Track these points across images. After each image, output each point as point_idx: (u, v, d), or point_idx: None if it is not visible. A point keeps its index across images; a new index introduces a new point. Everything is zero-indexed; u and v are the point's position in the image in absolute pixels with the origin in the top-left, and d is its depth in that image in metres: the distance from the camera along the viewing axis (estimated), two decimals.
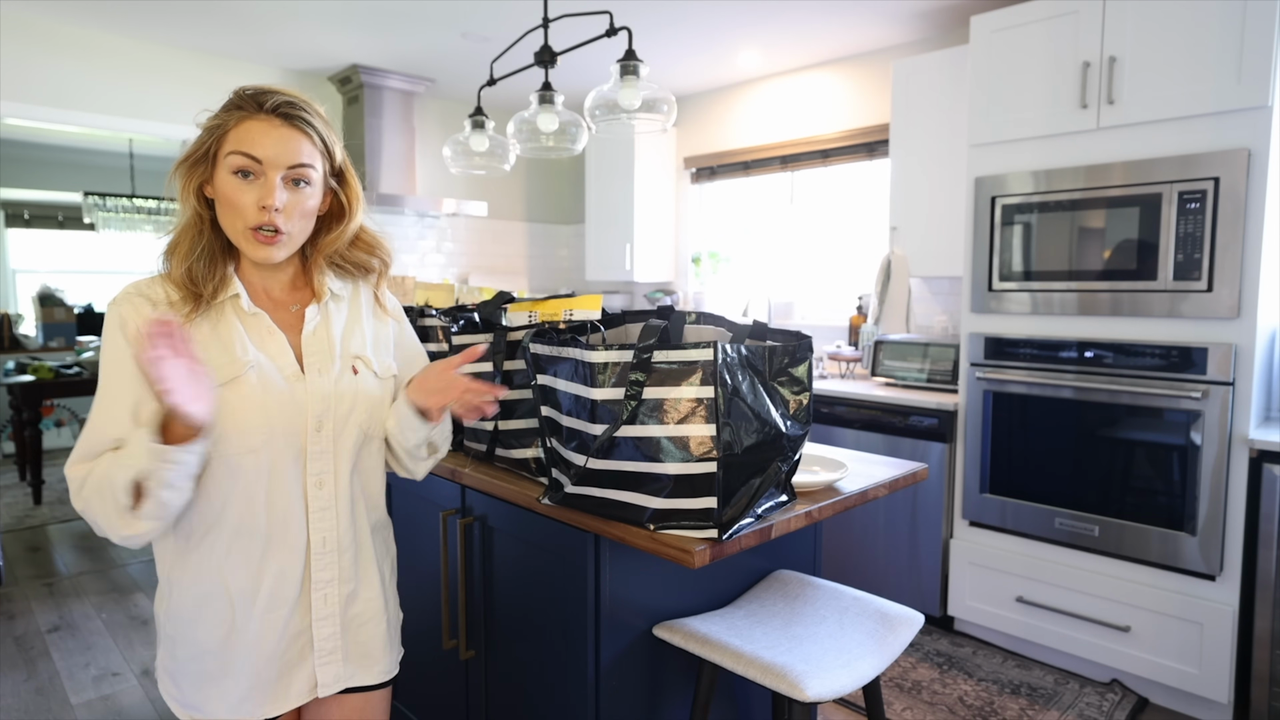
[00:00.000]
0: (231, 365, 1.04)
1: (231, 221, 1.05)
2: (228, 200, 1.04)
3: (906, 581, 2.92)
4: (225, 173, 1.03)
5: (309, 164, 1.07)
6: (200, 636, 1.08)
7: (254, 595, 1.07)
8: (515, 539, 1.60)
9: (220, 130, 1.04)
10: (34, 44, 3.30)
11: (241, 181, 1.03)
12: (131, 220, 5.81)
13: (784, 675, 1.27)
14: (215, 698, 1.09)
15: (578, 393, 1.29)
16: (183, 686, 1.10)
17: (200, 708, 1.10)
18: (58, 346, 5.86)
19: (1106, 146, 2.39)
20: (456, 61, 3.86)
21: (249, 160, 1.03)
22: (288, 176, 1.05)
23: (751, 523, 1.31)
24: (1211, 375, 2.20)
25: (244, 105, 1.05)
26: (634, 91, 1.89)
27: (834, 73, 3.82)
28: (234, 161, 1.03)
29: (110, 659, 2.74)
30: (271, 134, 1.04)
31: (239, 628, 1.07)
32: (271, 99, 1.05)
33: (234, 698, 1.09)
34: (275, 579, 1.08)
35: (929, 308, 3.45)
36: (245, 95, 1.06)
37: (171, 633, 1.10)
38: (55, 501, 4.77)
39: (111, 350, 1.03)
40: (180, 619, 1.08)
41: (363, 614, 1.18)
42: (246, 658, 1.08)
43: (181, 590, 1.08)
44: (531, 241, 5.13)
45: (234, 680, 1.09)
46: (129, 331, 1.03)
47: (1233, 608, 2.21)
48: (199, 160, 1.05)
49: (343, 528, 1.14)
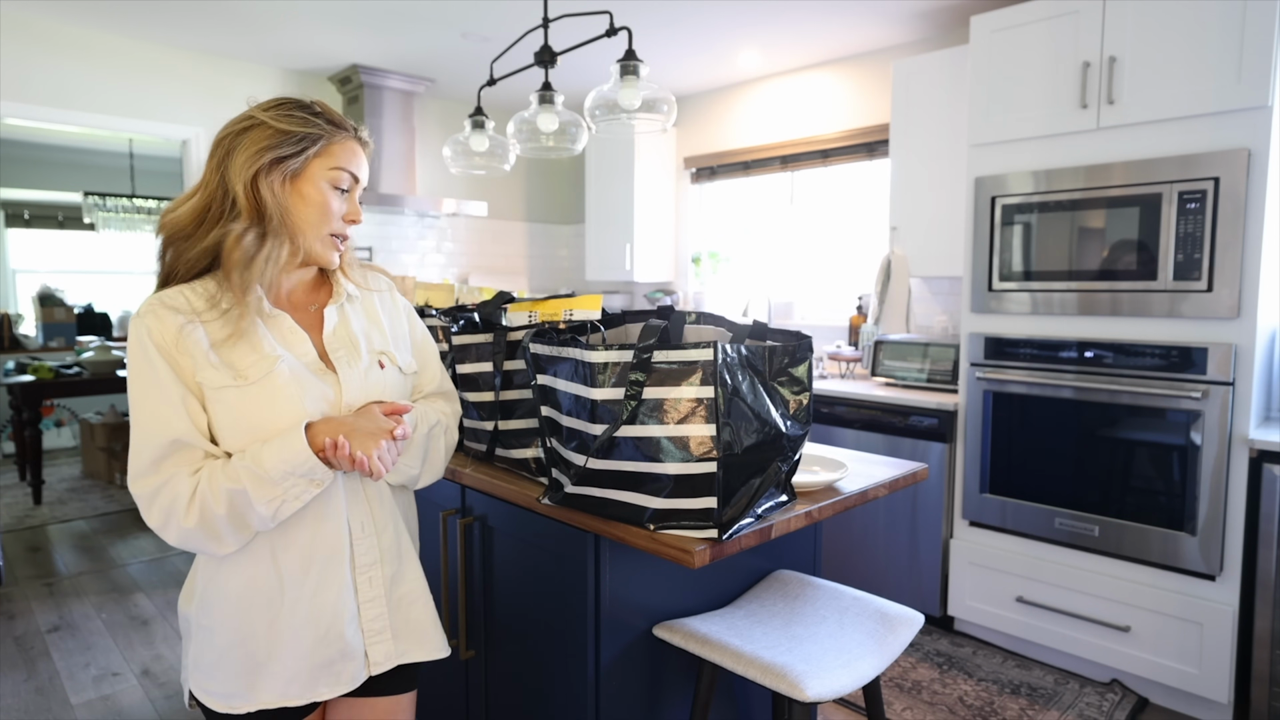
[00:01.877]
0: (262, 362, 1.07)
1: (318, 226, 1.12)
2: (319, 206, 1.11)
3: (906, 581, 2.92)
4: (323, 183, 1.11)
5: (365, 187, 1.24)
6: (248, 622, 1.08)
7: (302, 579, 1.09)
8: (515, 539, 1.60)
9: (322, 142, 1.11)
10: (34, 44, 3.30)
11: (336, 193, 1.13)
12: (131, 220, 5.81)
13: (784, 675, 1.27)
14: (262, 684, 1.09)
15: (578, 393, 1.29)
16: (222, 678, 1.10)
17: (243, 695, 1.09)
18: (58, 346, 5.86)
19: (1106, 146, 2.39)
20: (456, 61, 3.86)
21: (351, 179, 1.15)
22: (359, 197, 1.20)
23: (751, 523, 1.31)
24: (1211, 375, 2.20)
25: (344, 127, 1.15)
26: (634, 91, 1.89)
27: (834, 73, 3.82)
28: (337, 176, 1.13)
29: (110, 659, 2.74)
30: (363, 158, 1.17)
31: (286, 611, 1.09)
32: (360, 128, 1.18)
33: (281, 681, 1.10)
34: (322, 563, 1.11)
35: (929, 308, 3.45)
36: (339, 116, 1.15)
37: (210, 624, 1.10)
38: (55, 501, 4.77)
39: (143, 363, 1.03)
40: (224, 607, 1.09)
41: (409, 594, 1.22)
42: (294, 641, 1.09)
43: (227, 578, 1.09)
44: (531, 241, 5.13)
45: (281, 664, 1.09)
46: (155, 339, 1.04)
47: (1233, 608, 2.21)
48: (292, 159, 1.09)
49: (378, 512, 1.18)
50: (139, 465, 1.01)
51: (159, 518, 1.01)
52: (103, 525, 4.30)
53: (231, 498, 1.00)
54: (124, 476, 5.03)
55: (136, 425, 1.02)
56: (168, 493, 1.01)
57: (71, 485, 5.17)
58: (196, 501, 1.00)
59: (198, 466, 1.03)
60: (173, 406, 1.02)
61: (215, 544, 1.04)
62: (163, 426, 1.01)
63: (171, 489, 1.01)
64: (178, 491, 1.00)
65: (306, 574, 1.10)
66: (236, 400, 1.04)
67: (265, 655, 1.09)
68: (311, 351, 1.13)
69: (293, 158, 1.08)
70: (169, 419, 1.01)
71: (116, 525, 4.30)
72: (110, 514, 4.52)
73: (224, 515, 1.01)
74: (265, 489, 1.01)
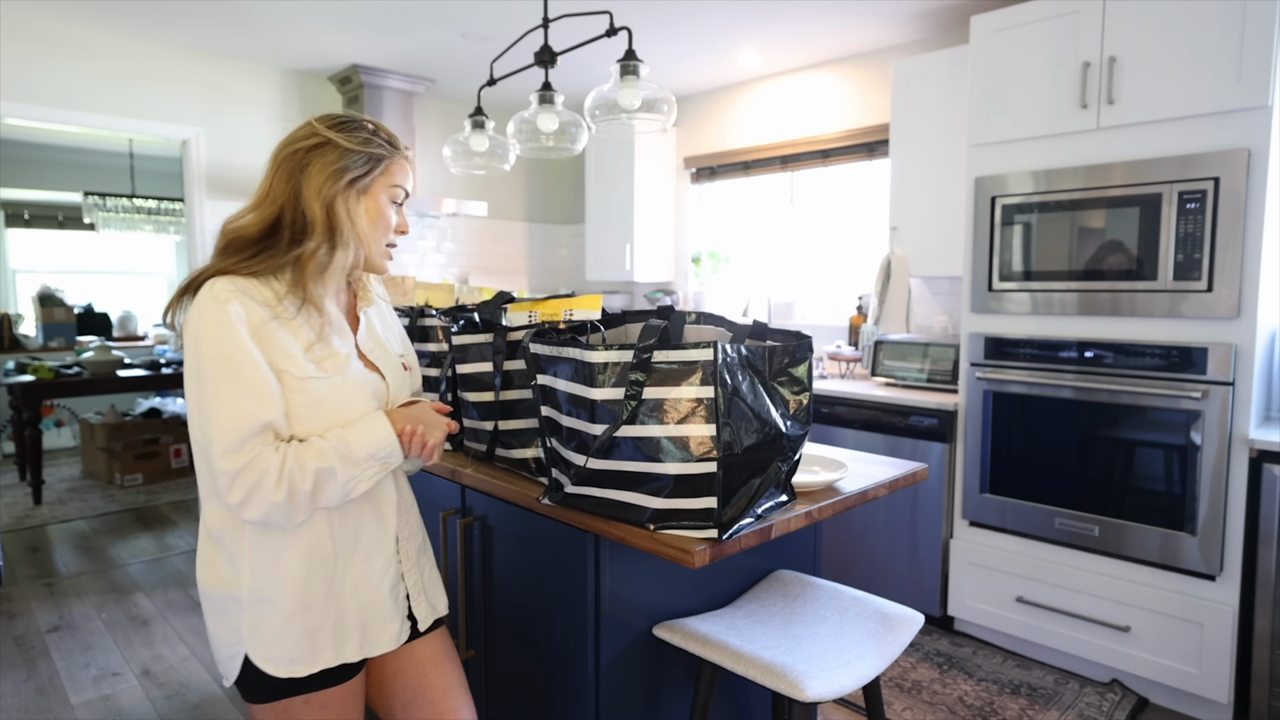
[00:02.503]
0: (335, 358, 1.19)
1: (379, 237, 1.24)
2: (383, 220, 1.23)
3: (906, 581, 2.92)
4: (383, 197, 1.23)
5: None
6: (307, 591, 1.16)
7: (353, 550, 1.22)
8: (515, 539, 1.60)
9: (384, 163, 1.22)
10: (34, 44, 3.30)
11: (393, 208, 1.25)
12: (131, 220, 5.81)
13: (784, 675, 1.27)
14: (322, 646, 1.18)
15: (578, 393, 1.29)
16: (286, 645, 1.16)
17: (305, 660, 1.17)
18: (58, 346, 5.86)
19: (1106, 146, 2.39)
20: (456, 61, 3.86)
21: (405, 194, 1.27)
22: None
23: (751, 523, 1.31)
24: (1211, 375, 2.20)
25: (399, 146, 1.25)
26: (634, 91, 1.89)
27: (834, 73, 3.82)
28: (396, 193, 1.24)
29: (110, 659, 2.74)
30: (410, 173, 1.29)
31: (340, 578, 1.20)
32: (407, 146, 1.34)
33: (339, 643, 1.20)
34: (370, 536, 1.24)
35: (929, 308, 3.45)
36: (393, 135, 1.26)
37: (270, 596, 1.15)
38: (55, 501, 4.77)
39: (234, 344, 1.08)
40: (284, 580, 1.15)
41: (429, 561, 1.40)
42: (350, 604, 1.21)
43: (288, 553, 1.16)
44: (531, 241, 5.12)
45: (338, 627, 1.20)
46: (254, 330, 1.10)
47: (1233, 608, 2.21)
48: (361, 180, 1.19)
49: (405, 494, 1.35)
50: (229, 442, 1.05)
51: (241, 493, 1.06)
52: (103, 525, 4.30)
53: (319, 476, 1.10)
54: (124, 476, 5.03)
55: (226, 403, 1.06)
56: (254, 470, 1.06)
57: (71, 485, 5.17)
58: (285, 478, 1.07)
59: (275, 446, 1.09)
60: (268, 388, 1.09)
61: (290, 518, 1.11)
62: (258, 407, 1.07)
63: (258, 466, 1.06)
64: (265, 469, 1.06)
65: (356, 546, 1.22)
66: (319, 391, 1.14)
67: (323, 620, 1.18)
68: (354, 351, 1.24)
69: (363, 177, 1.19)
70: (265, 399, 1.08)
71: (116, 525, 4.30)
72: (110, 514, 4.52)
73: (308, 491, 1.10)
74: (349, 468, 1.13)
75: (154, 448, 5.21)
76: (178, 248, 6.97)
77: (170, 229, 6.01)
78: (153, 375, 4.89)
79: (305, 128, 1.19)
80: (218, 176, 3.80)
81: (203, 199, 3.75)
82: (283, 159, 1.17)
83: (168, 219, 5.96)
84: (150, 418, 5.42)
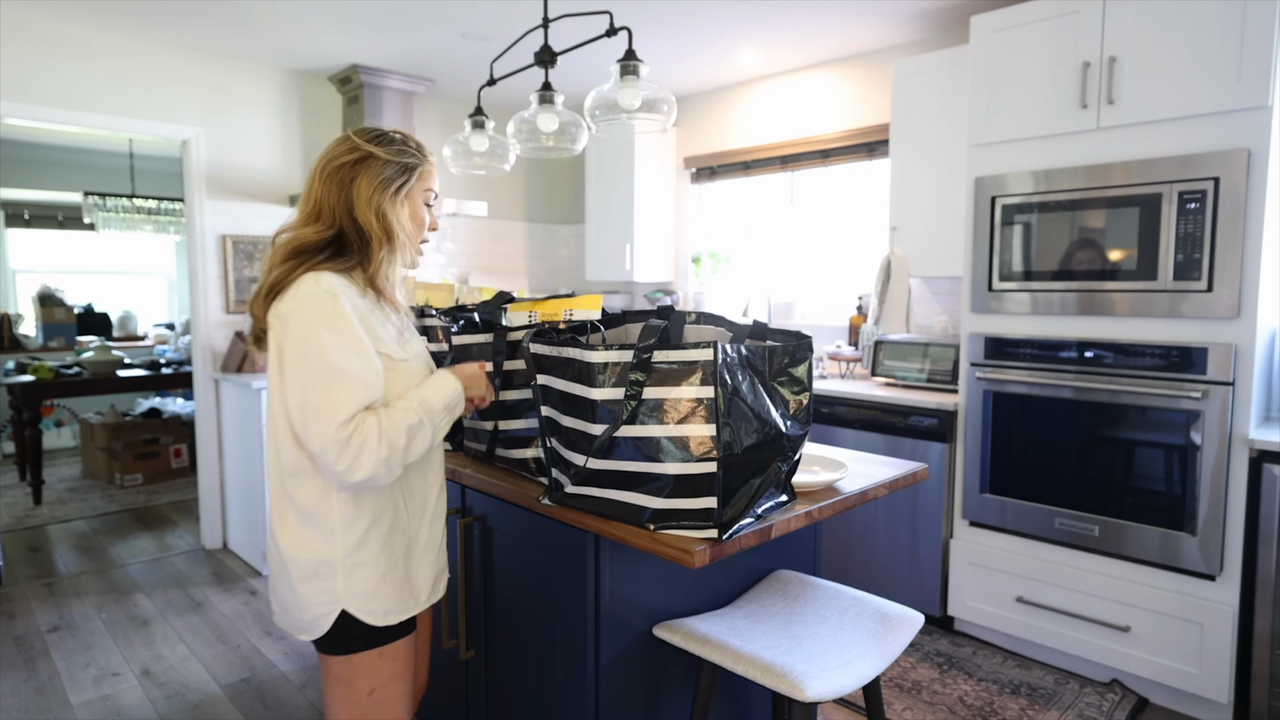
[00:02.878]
0: (410, 345, 1.37)
1: (417, 236, 1.40)
2: (420, 222, 1.40)
3: (906, 581, 2.92)
4: (420, 201, 1.39)
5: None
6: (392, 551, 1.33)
7: (421, 515, 1.41)
8: (515, 539, 1.60)
9: (418, 169, 1.36)
10: (34, 44, 3.30)
11: (427, 209, 1.41)
12: (131, 220, 5.80)
13: (784, 675, 1.27)
14: (409, 597, 1.36)
15: (578, 393, 1.29)
16: (382, 598, 1.32)
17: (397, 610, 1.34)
18: (58, 346, 5.86)
19: (1107, 146, 2.39)
20: (456, 61, 3.86)
21: (436, 196, 1.43)
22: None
23: (751, 523, 1.31)
24: (1211, 375, 2.20)
25: (426, 154, 1.40)
26: (634, 91, 1.89)
27: (834, 73, 3.82)
28: (429, 195, 1.41)
29: (110, 659, 2.74)
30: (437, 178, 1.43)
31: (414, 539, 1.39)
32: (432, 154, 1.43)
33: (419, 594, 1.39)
34: (436, 500, 1.45)
35: (929, 308, 3.45)
36: (421, 144, 1.40)
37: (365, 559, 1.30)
38: (55, 501, 4.77)
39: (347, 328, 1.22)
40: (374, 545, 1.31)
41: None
42: (423, 561, 1.40)
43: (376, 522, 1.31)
44: (531, 241, 5.12)
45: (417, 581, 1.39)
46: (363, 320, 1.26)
47: (1233, 608, 2.21)
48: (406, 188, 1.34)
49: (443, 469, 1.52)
50: (341, 414, 1.18)
51: (349, 459, 1.18)
52: (103, 525, 4.30)
53: (410, 432, 1.24)
54: (124, 476, 5.03)
55: (342, 379, 1.20)
56: (359, 437, 1.19)
57: (71, 485, 5.17)
58: (385, 439, 1.21)
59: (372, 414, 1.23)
60: (375, 367, 1.24)
61: (391, 473, 1.24)
62: (369, 383, 1.22)
63: (362, 431, 1.19)
64: (367, 433, 1.19)
65: (424, 511, 1.41)
66: (410, 371, 1.33)
67: (405, 576, 1.36)
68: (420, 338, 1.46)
69: (405, 184, 1.33)
70: (374, 377, 1.23)
71: (116, 525, 4.30)
72: (110, 514, 4.52)
73: (403, 446, 1.24)
74: (431, 419, 1.29)
75: (154, 448, 5.21)
76: (178, 248, 6.97)
77: (170, 229, 6.01)
78: (153, 375, 4.89)
79: (345, 143, 1.32)
80: (218, 176, 3.80)
81: (203, 199, 3.75)
82: (329, 173, 1.30)
83: (168, 219, 5.96)
84: (150, 418, 5.42)
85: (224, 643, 2.86)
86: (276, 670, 2.65)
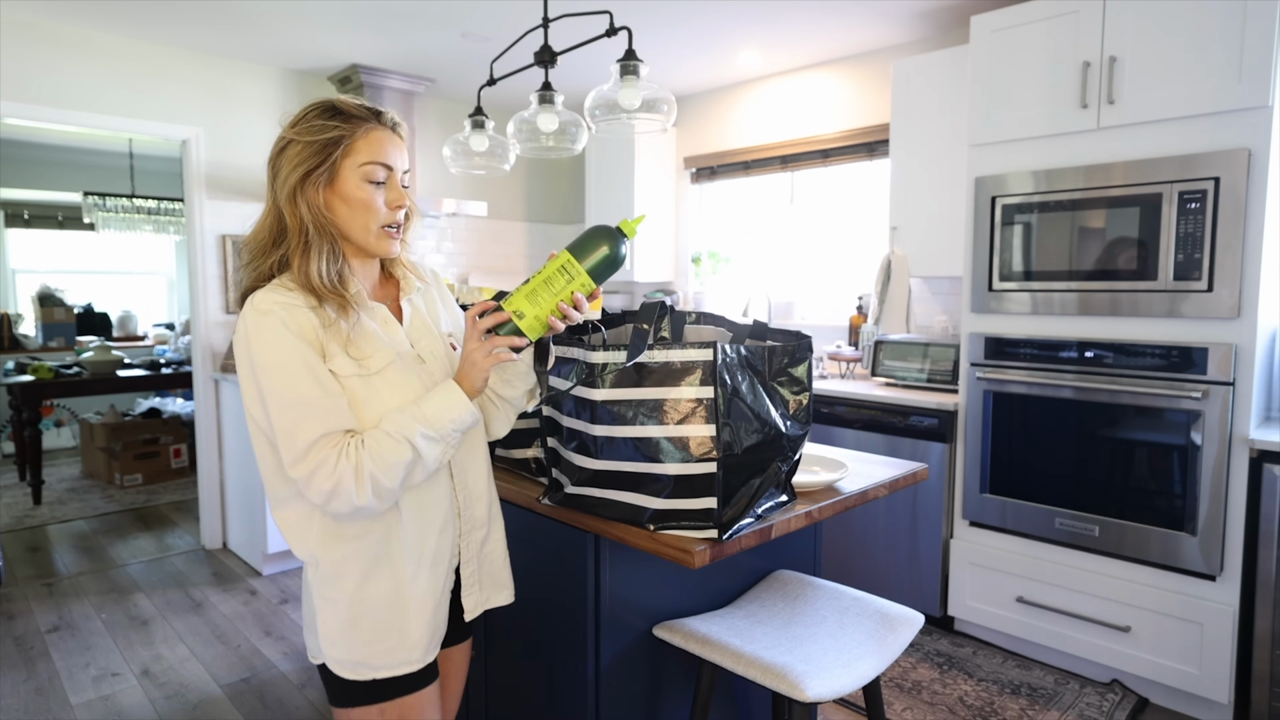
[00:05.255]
0: (381, 353, 1.14)
1: (365, 223, 1.15)
2: (364, 204, 1.13)
3: (906, 581, 2.92)
4: (358, 180, 1.13)
5: (408, 169, 1.21)
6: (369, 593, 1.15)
7: (420, 551, 1.18)
8: (515, 539, 1.60)
9: (345, 142, 1.12)
10: (34, 44, 3.30)
11: (375, 188, 1.14)
12: (131, 220, 5.80)
13: (784, 675, 1.27)
14: (390, 650, 1.16)
15: (578, 393, 1.29)
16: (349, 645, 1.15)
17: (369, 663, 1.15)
18: (58, 346, 5.86)
19: (1107, 146, 2.39)
20: (456, 61, 3.86)
21: (384, 169, 1.14)
22: (402, 181, 1.19)
23: (751, 523, 1.31)
24: (1211, 375, 2.20)
25: (366, 118, 1.14)
26: (634, 91, 1.89)
27: (834, 73, 3.82)
28: (369, 170, 1.13)
29: (110, 659, 2.74)
30: (394, 143, 1.16)
31: (409, 580, 1.17)
32: (386, 114, 1.17)
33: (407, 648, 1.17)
34: (437, 535, 1.20)
35: (929, 308, 3.45)
36: (361, 108, 1.15)
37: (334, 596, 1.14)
38: (55, 501, 4.77)
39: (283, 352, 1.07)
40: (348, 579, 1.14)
41: (493, 551, 1.32)
42: (419, 609, 1.17)
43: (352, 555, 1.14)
44: (531, 241, 5.12)
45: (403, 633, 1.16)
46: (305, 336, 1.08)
47: (1233, 608, 2.21)
48: (322, 169, 1.12)
49: (475, 482, 1.28)
50: (294, 451, 1.06)
51: (320, 496, 1.06)
52: (102, 525, 4.30)
53: (408, 468, 1.08)
54: (123, 476, 5.03)
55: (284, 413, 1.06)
56: (326, 475, 1.05)
57: (71, 485, 5.17)
58: (366, 480, 1.06)
59: (345, 448, 1.07)
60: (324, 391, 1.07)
61: (384, 506, 1.10)
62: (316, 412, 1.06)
63: (329, 472, 1.05)
64: (340, 475, 1.05)
65: (421, 553, 1.18)
66: (361, 388, 1.11)
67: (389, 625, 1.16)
68: (405, 341, 1.20)
69: (320, 168, 1.11)
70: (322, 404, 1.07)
71: (116, 525, 4.30)
72: (110, 514, 4.52)
73: (393, 488, 1.08)
74: (433, 447, 1.10)
75: (154, 448, 5.21)
76: (178, 248, 6.97)
77: (170, 229, 6.02)
78: (153, 375, 4.89)
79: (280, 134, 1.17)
80: (218, 176, 3.79)
81: (203, 199, 3.75)
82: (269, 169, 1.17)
83: (168, 219, 5.96)
84: (150, 418, 5.42)
85: (224, 643, 2.86)
86: (276, 670, 2.65)
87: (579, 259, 1.15)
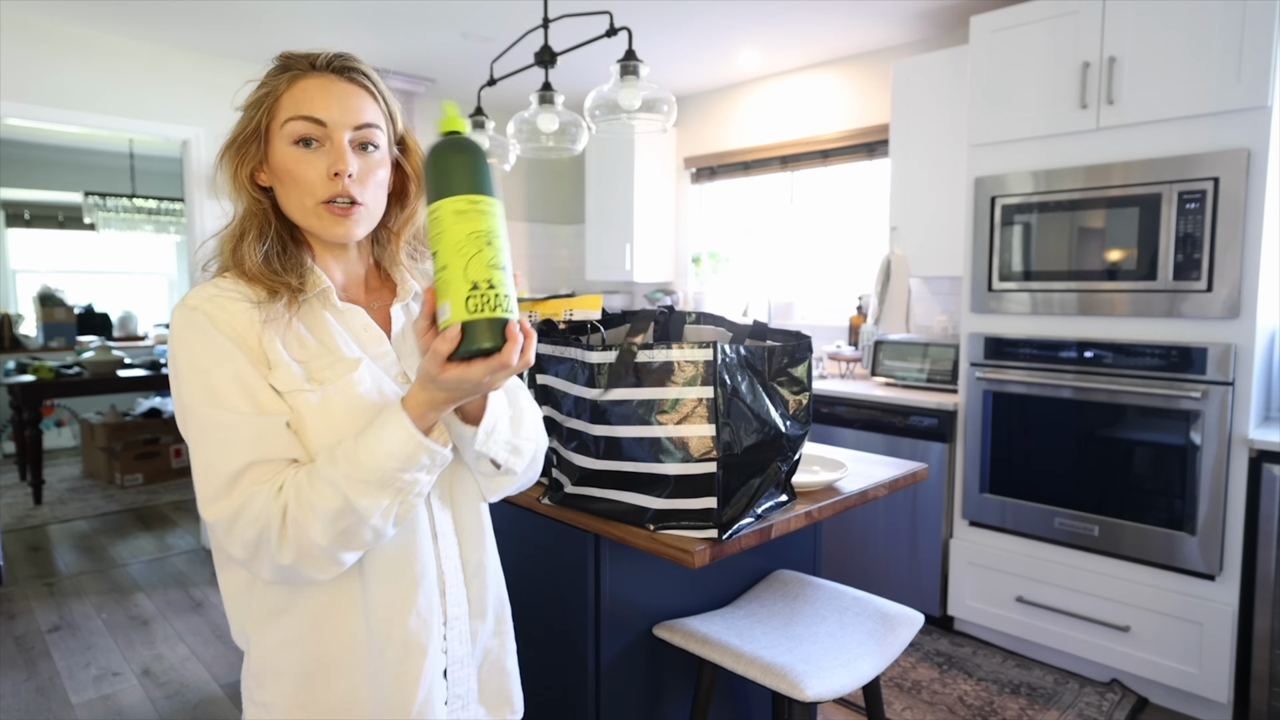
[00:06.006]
0: (339, 364, 0.87)
1: (299, 199, 0.88)
2: (291, 175, 0.87)
3: (906, 581, 2.92)
4: (283, 145, 0.87)
5: (374, 124, 0.90)
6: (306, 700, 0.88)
7: (385, 643, 0.87)
8: (515, 539, 1.60)
9: (270, 98, 0.88)
10: (34, 44, 3.30)
11: (304, 151, 0.87)
12: (131, 220, 5.81)
13: (784, 675, 1.27)
14: None
15: (577, 393, 1.29)
16: None
17: None
18: (58, 346, 5.86)
19: (1106, 146, 2.39)
20: (456, 61, 3.86)
21: (311, 124, 0.86)
22: (355, 139, 0.88)
23: (751, 523, 1.31)
24: (1211, 375, 2.20)
25: (293, 65, 0.88)
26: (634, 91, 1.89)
27: (834, 73, 3.82)
28: (294, 129, 0.86)
29: (110, 659, 2.74)
30: (331, 90, 0.87)
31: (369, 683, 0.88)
32: (322, 55, 0.89)
33: None
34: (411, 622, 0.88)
35: (929, 308, 3.45)
36: (293, 55, 0.90)
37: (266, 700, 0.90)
38: (55, 501, 4.77)
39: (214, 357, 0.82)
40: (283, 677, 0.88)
41: (494, 649, 1.02)
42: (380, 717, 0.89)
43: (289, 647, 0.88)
44: (531, 241, 5.13)
45: None
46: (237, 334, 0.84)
47: (1233, 608, 2.22)
48: (249, 139, 0.89)
49: (468, 552, 0.97)
50: (215, 488, 0.80)
51: (243, 550, 0.80)
52: (103, 525, 4.31)
53: (335, 520, 0.78)
54: (124, 476, 5.03)
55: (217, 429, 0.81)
56: (250, 521, 0.79)
57: (72, 485, 5.18)
58: (289, 531, 0.79)
59: (279, 487, 0.80)
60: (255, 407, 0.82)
61: (323, 572, 0.82)
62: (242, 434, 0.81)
63: (254, 516, 0.79)
64: (266, 521, 0.79)
65: (388, 638, 0.87)
66: (305, 407, 0.84)
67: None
68: (391, 353, 0.94)
69: (249, 140, 0.89)
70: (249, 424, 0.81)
71: (116, 525, 4.30)
72: (110, 514, 4.52)
73: (329, 546, 0.79)
74: (377, 497, 0.79)
75: (154, 448, 5.21)
76: (178, 248, 6.97)
77: (170, 229, 6.02)
78: (153, 375, 4.89)
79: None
80: None
81: (203, 199, 3.75)
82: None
83: (168, 219, 5.97)
84: (150, 418, 5.42)
85: (224, 642, 2.86)
86: None
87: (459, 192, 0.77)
